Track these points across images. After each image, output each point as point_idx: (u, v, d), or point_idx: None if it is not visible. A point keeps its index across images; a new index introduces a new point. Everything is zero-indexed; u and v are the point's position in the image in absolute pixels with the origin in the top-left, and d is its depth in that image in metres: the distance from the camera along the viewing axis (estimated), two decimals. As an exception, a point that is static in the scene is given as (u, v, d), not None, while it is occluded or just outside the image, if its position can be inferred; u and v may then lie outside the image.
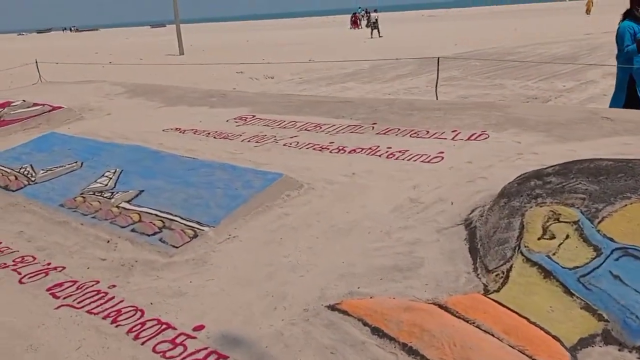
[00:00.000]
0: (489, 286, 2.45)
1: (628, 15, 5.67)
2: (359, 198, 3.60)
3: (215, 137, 5.39)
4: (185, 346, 2.29)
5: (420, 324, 2.18)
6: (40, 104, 7.11)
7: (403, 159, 4.14)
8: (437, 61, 7.67)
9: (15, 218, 4.01)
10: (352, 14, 39.52)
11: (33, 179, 4.63)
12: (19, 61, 16.98)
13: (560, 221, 2.61)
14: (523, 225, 2.67)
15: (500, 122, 4.61)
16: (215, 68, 16.05)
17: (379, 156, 4.28)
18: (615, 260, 2.25)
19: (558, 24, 30.58)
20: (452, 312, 2.27)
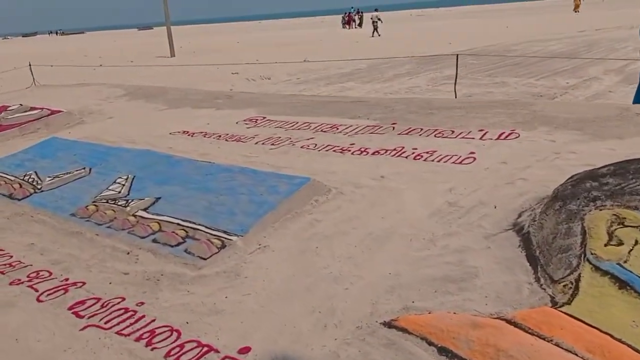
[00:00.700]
0: (556, 298, 2.26)
1: None
2: (392, 202, 3.41)
3: (227, 140, 5.18)
4: (233, 371, 2.09)
5: (493, 343, 1.99)
6: (38, 108, 6.85)
7: (432, 160, 3.96)
8: (456, 58, 7.51)
9: (24, 229, 3.77)
10: (345, 14, 39.17)
11: (39, 186, 4.39)
12: (8, 65, 16.64)
13: (626, 225, 2.44)
14: (585, 231, 2.50)
15: (528, 120, 4.44)
16: (209, 69, 15.82)
17: (406, 157, 4.10)
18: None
19: (548, 22, 30.66)
20: (524, 329, 2.08)
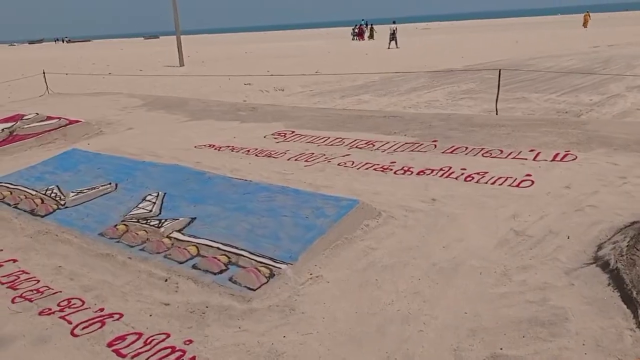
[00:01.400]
0: (668, 348, 2.00)
1: None
2: (450, 229, 3.15)
3: (257, 155, 4.93)
4: None
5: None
6: (55, 118, 6.61)
7: (485, 182, 3.71)
8: (499, 73, 7.23)
9: (49, 249, 3.51)
10: (356, 26, 38.75)
11: (62, 202, 4.13)
12: (16, 71, 16.47)
13: None
14: (689, 270, 2.24)
15: (582, 140, 4.19)
16: (221, 79, 15.61)
17: (455, 179, 3.84)
18: None
19: (558, 37, 30.50)
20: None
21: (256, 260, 2.96)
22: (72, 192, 4.26)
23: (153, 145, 5.56)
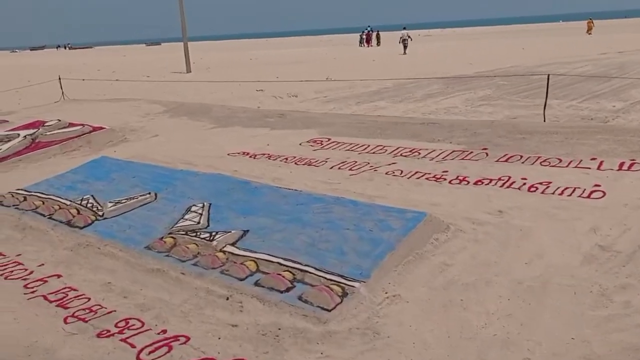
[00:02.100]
0: None
1: None
2: (527, 244, 2.96)
3: (296, 164, 4.74)
4: None
5: None
6: (78, 124, 6.42)
7: (551, 193, 3.52)
8: (547, 78, 7.04)
9: (93, 264, 3.31)
10: (364, 32, 38.50)
11: (101, 213, 3.94)
12: (20, 79, 16.29)
13: None
14: None
15: (645, 149, 4.01)
16: (231, 86, 15.43)
17: (518, 189, 3.66)
18: None
19: (564, 44, 30.39)
20: None
21: (325, 278, 2.76)
22: (109, 202, 4.06)
23: (182, 153, 5.37)
